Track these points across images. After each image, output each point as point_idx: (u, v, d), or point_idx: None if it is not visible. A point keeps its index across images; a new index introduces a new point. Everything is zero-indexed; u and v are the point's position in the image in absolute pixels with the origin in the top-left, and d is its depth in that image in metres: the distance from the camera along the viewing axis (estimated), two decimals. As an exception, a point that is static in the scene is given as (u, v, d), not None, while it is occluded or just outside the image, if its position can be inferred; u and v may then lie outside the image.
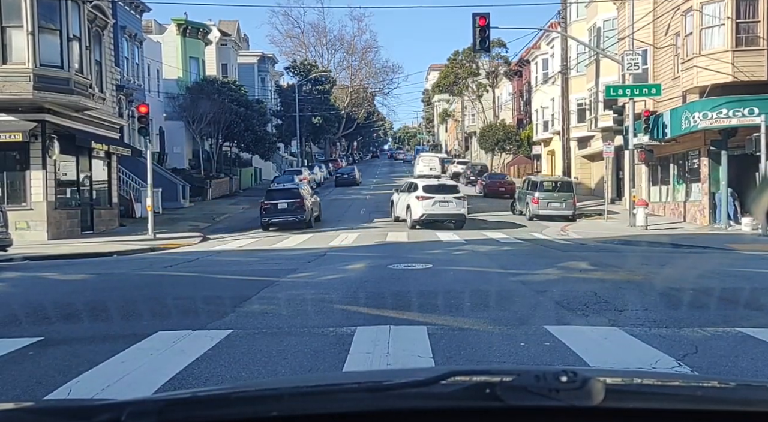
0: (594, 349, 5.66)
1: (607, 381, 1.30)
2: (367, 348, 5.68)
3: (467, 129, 79.30)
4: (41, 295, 9.47)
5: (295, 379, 3.40)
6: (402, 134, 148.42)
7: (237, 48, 58.70)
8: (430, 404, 1.27)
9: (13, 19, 20.79)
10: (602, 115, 33.67)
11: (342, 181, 53.78)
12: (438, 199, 24.85)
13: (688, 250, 17.01)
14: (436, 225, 24.92)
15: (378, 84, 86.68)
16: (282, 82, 71.10)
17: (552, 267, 12.08)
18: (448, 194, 25.33)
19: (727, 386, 1.57)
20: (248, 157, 52.59)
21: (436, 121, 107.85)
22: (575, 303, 7.92)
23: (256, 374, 5.03)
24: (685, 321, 6.85)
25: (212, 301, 8.34)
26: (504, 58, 62.40)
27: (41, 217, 21.46)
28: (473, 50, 42.23)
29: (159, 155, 39.21)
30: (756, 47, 22.70)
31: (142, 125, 23.35)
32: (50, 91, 21.09)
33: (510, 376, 1.33)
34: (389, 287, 9.55)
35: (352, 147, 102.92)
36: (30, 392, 4.65)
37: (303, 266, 12.71)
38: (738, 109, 22.23)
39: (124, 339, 6.14)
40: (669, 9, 26.58)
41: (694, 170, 26.45)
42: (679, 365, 5.10)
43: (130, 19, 36.03)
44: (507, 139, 56.31)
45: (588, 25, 36.64)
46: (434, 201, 24.81)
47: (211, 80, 46.78)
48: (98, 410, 1.28)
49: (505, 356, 5.50)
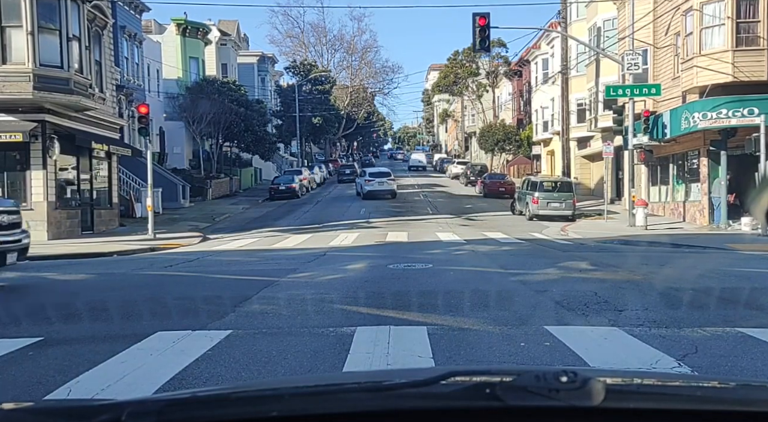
0: (594, 349, 5.66)
1: (607, 381, 1.30)
2: (367, 348, 5.68)
3: (467, 129, 79.30)
4: (41, 295, 9.47)
5: (295, 379, 3.40)
6: (402, 134, 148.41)
7: (237, 48, 58.71)
8: (430, 404, 1.27)
9: (13, 19, 20.78)
10: (602, 115, 33.67)
11: (344, 178, 55.81)
12: (377, 181, 40.59)
13: (688, 250, 17.01)
14: (377, 197, 39.33)
15: (378, 84, 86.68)
16: (282, 82, 71.11)
17: (552, 267, 12.08)
18: (384, 178, 41.16)
19: (727, 386, 1.56)
20: (248, 157, 52.60)
21: (436, 121, 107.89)
22: (575, 303, 7.92)
23: (256, 374, 5.03)
24: (685, 321, 6.85)
25: (212, 301, 8.34)
26: (504, 58, 62.39)
27: (41, 217, 21.45)
28: (473, 50, 42.20)
29: (159, 155, 39.22)
30: (756, 47, 22.70)
31: (142, 125, 23.34)
32: (50, 91, 21.09)
33: (510, 376, 1.33)
34: (389, 287, 9.55)
35: (352, 147, 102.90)
36: (30, 392, 4.64)
37: (303, 266, 12.71)
38: (738, 109, 22.22)
39: (124, 339, 6.14)
40: (669, 9, 26.58)
41: (694, 170, 26.46)
42: (679, 365, 5.10)
43: (129, 19, 36.04)
44: (507, 139, 56.29)
45: (588, 25, 36.64)
46: (375, 181, 40.56)
47: (211, 80, 46.79)
48: (98, 410, 1.28)
49: (505, 356, 5.50)
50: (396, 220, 28.26)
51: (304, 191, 46.25)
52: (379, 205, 36.23)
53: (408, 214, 31.40)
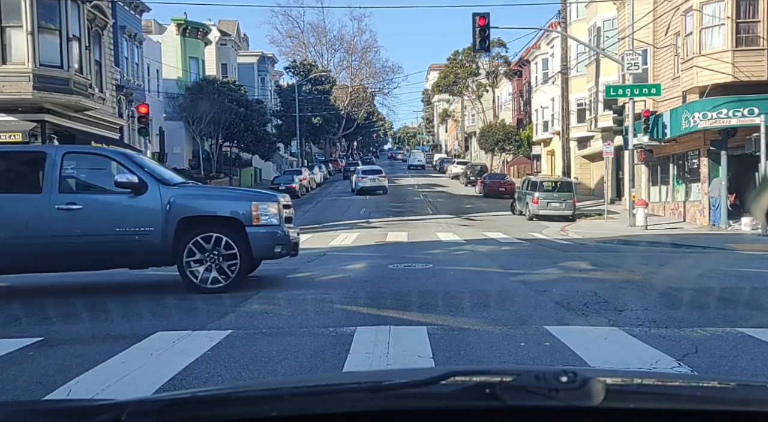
0: (594, 349, 5.66)
1: (607, 381, 1.30)
2: (367, 348, 5.68)
3: (467, 129, 79.32)
4: (41, 295, 9.47)
5: (295, 379, 3.40)
6: (402, 134, 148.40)
7: (237, 48, 58.71)
8: (430, 404, 1.27)
9: (13, 19, 20.79)
10: (602, 115, 33.68)
11: (349, 175, 57.12)
12: (370, 177, 44.07)
13: (688, 250, 17.01)
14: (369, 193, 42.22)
15: (378, 84, 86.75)
16: (282, 82, 71.10)
17: (552, 267, 12.08)
18: (376, 175, 44.78)
19: (726, 386, 1.56)
20: (248, 157, 52.60)
21: (436, 121, 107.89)
22: (575, 303, 7.92)
23: (256, 374, 5.02)
24: (685, 321, 6.85)
25: (212, 301, 8.34)
26: (504, 58, 62.42)
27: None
28: (473, 50, 42.20)
29: (159, 155, 39.12)
30: (756, 47, 22.70)
31: (141, 125, 23.36)
32: (50, 91, 21.10)
33: (510, 376, 1.33)
34: (389, 287, 9.55)
35: (352, 147, 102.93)
36: (30, 392, 4.64)
37: (303, 266, 12.71)
38: (738, 109, 22.23)
39: (124, 339, 6.14)
40: (669, 9, 26.58)
41: (694, 170, 26.46)
42: (679, 365, 5.10)
43: (129, 19, 36.03)
44: (507, 139, 56.30)
45: (588, 25, 36.64)
46: (368, 178, 44.02)
47: (211, 80, 46.78)
48: (98, 410, 1.28)
49: (505, 356, 5.50)
50: (396, 220, 28.27)
51: (304, 191, 46.28)
52: (379, 204, 36.22)
53: (408, 214, 31.42)
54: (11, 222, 8.90)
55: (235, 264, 9.04)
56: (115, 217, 8.99)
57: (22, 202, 9.01)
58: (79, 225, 8.90)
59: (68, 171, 9.22)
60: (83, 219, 8.91)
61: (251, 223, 9.08)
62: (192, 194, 9.45)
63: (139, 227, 8.97)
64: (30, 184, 9.18)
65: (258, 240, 9.12)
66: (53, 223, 8.86)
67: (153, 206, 8.97)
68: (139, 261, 9.34)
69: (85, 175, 9.58)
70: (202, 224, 9.10)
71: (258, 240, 9.12)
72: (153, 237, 8.96)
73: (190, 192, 9.49)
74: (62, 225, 8.86)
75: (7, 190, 9.08)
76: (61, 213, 8.84)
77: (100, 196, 9.25)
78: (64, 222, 8.86)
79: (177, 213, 8.97)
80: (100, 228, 8.93)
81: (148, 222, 8.97)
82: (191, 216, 9.05)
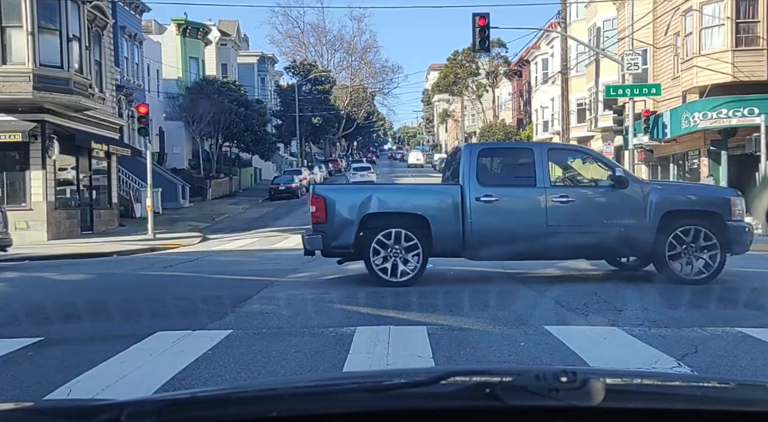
0: (594, 349, 5.66)
1: (607, 381, 1.30)
2: (367, 348, 5.68)
3: (467, 129, 79.27)
4: (41, 295, 9.47)
5: (295, 379, 3.40)
6: (402, 134, 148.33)
7: (237, 48, 58.70)
8: (430, 404, 1.27)
9: (13, 19, 20.80)
10: (602, 115, 33.68)
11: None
12: (360, 173, 49.35)
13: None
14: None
15: (378, 84, 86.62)
16: (282, 82, 71.06)
17: (552, 267, 12.07)
18: (365, 171, 50.64)
19: (726, 386, 1.56)
20: (248, 157, 52.60)
21: (436, 121, 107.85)
22: (575, 303, 7.92)
23: (256, 374, 5.02)
24: (685, 320, 6.85)
25: (212, 301, 8.33)
26: (504, 58, 62.42)
27: (41, 217, 21.46)
28: (473, 50, 42.12)
29: (159, 155, 39.21)
30: (756, 47, 22.70)
31: (141, 125, 23.34)
32: (50, 91, 21.10)
33: (510, 376, 1.33)
34: (389, 287, 9.54)
35: (352, 147, 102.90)
36: (30, 392, 4.64)
37: (303, 266, 12.70)
38: (738, 109, 22.24)
39: (123, 339, 6.14)
40: (669, 9, 26.58)
41: (694, 170, 26.46)
42: (679, 365, 5.10)
43: (129, 19, 36.04)
44: (507, 138, 56.28)
45: (588, 25, 36.64)
46: (359, 174, 49.02)
47: (211, 80, 46.76)
48: (98, 410, 1.28)
49: (505, 356, 5.50)
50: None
51: (304, 191, 46.28)
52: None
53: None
54: (515, 214, 9.76)
55: (716, 254, 9.50)
56: (603, 210, 9.73)
57: (522, 195, 9.85)
58: (571, 218, 9.64)
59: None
60: (575, 212, 9.66)
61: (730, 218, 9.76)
62: (668, 189, 10.50)
63: (624, 220, 9.65)
64: (525, 178, 9.85)
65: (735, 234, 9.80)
66: (549, 215, 9.60)
67: (636, 199, 9.64)
68: (620, 253, 10.34)
69: (567, 170, 10.84)
70: (684, 217, 9.66)
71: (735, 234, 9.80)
72: (636, 230, 9.53)
73: (666, 188, 10.84)
74: (556, 217, 9.61)
75: (510, 185, 10.00)
76: (554, 205, 9.60)
77: (586, 189, 10.16)
78: (558, 215, 9.62)
79: (661, 207, 9.57)
80: (590, 221, 9.66)
81: (632, 215, 9.64)
82: (675, 210, 9.67)
